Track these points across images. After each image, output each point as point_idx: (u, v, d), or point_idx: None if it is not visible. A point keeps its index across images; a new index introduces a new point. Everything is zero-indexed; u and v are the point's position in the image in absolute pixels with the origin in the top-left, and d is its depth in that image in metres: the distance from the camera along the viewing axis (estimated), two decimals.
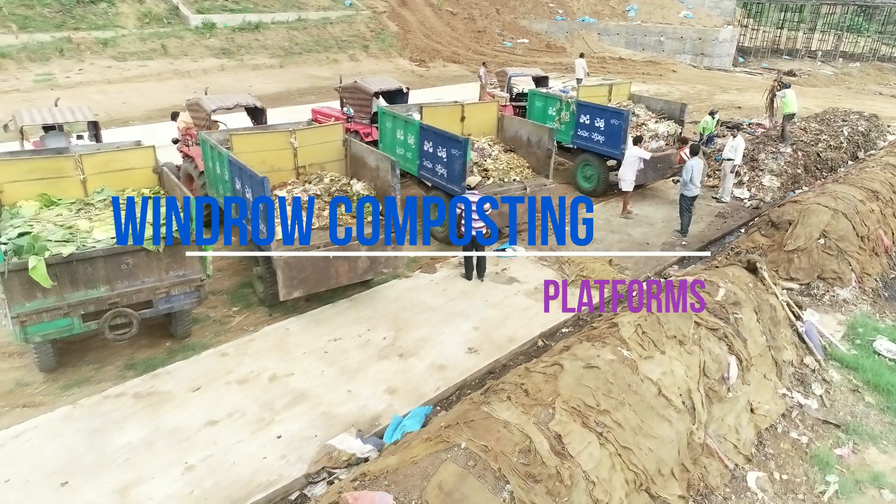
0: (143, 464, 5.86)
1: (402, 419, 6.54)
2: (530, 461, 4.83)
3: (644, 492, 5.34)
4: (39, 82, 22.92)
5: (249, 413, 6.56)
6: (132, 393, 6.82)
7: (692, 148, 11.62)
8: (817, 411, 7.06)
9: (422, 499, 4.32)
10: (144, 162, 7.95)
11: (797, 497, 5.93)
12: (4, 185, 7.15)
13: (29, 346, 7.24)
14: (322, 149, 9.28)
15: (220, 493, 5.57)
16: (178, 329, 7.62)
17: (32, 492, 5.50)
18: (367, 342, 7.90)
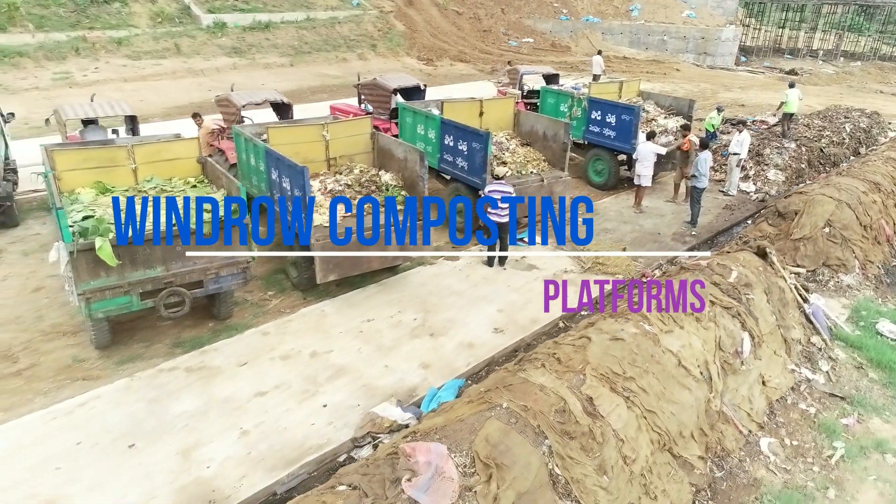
0: (201, 429, 6.33)
1: (437, 391, 7.00)
2: (565, 420, 5.30)
3: (667, 451, 5.81)
4: (58, 80, 23.40)
5: (295, 385, 7.04)
6: (184, 367, 7.30)
7: (702, 141, 12.09)
8: (824, 385, 7.54)
9: (471, 449, 4.78)
10: (189, 153, 8.43)
11: (806, 461, 6.40)
12: (63, 174, 7.63)
13: (84, 324, 7.75)
14: (351, 141, 9.75)
15: (274, 455, 6.04)
16: (222, 310, 8.08)
17: (103, 453, 5.98)
18: (398, 323, 8.38)
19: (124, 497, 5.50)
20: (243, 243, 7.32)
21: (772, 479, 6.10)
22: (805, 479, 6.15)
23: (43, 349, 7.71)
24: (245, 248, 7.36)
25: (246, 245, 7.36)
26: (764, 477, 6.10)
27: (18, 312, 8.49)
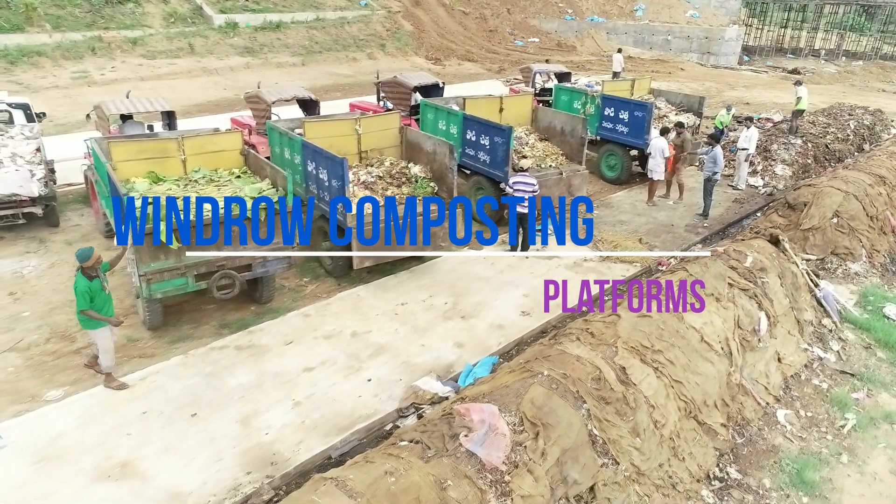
0: (256, 400, 6.80)
1: (472, 367, 7.46)
2: (601, 387, 5.77)
3: (693, 419, 6.27)
4: (76, 79, 23.87)
5: (339, 362, 7.51)
6: (234, 346, 7.76)
7: (713, 136, 12.53)
8: (835, 363, 8.00)
9: (519, 410, 5.25)
10: (233, 145, 8.90)
11: (820, 430, 6.86)
12: (118, 164, 8.09)
13: (136, 307, 8.23)
14: (381, 135, 10.22)
15: (327, 423, 6.51)
16: (264, 294, 8.55)
17: (168, 420, 6.44)
18: (430, 306, 8.84)
19: (193, 459, 5.96)
20: (288, 243, 7.82)
21: (789, 445, 6.56)
22: (819, 446, 6.61)
23: None
24: (290, 248, 7.90)
25: (291, 245, 7.89)
26: (781, 444, 6.56)
27: (71, 296, 8.86)
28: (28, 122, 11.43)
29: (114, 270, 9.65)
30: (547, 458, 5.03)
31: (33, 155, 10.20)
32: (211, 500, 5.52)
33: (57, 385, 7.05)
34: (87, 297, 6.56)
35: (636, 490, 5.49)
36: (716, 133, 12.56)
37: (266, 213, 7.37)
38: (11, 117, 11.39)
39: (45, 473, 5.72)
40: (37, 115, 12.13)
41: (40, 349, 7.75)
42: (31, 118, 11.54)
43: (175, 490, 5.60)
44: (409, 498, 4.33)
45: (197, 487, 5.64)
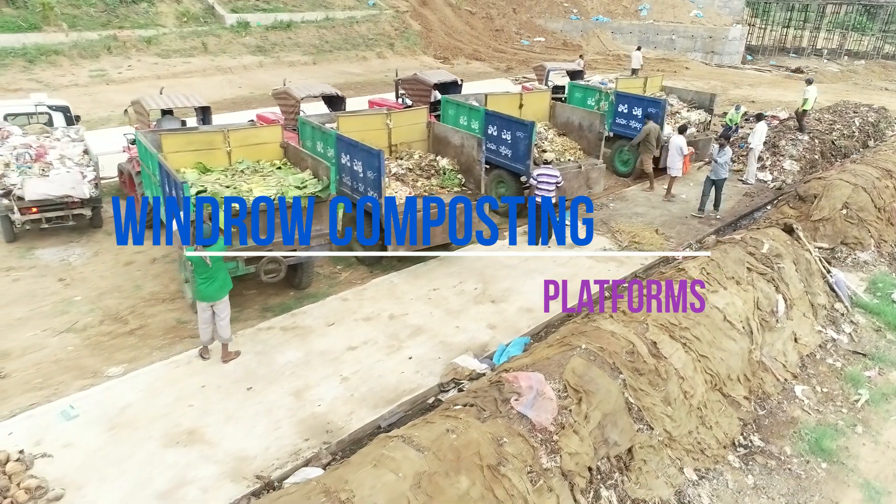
0: (306, 376, 7.23)
1: (505, 346, 7.90)
2: (635, 359, 6.21)
3: (718, 391, 6.72)
4: (95, 77, 24.31)
5: (380, 341, 7.94)
6: (279, 327, 8.20)
7: (724, 135, 12.93)
8: (847, 344, 8.45)
9: (562, 378, 5.69)
10: (274, 138, 9.34)
11: (836, 404, 7.30)
12: (168, 155, 8.52)
13: (185, 290, 8.66)
14: (410, 129, 10.66)
15: (374, 396, 6.94)
16: (304, 279, 8.98)
17: (226, 393, 6.88)
18: (461, 291, 9.28)
19: (253, 427, 6.40)
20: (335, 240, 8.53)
21: (806, 418, 7.00)
22: (835, 418, 7.05)
23: (147, 313, 8.62)
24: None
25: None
26: (800, 416, 7.01)
27: (117, 283, 9.40)
28: (67, 124, 11.73)
29: (155, 257, 10.17)
30: (590, 421, 5.47)
31: (81, 157, 10.49)
32: (274, 462, 5.96)
33: (116, 362, 7.48)
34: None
35: (669, 454, 5.94)
36: (725, 132, 12.94)
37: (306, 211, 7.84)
38: (51, 119, 11.68)
39: (119, 439, 6.16)
40: (74, 117, 12.46)
41: (95, 330, 8.18)
42: (71, 120, 11.83)
43: (241, 454, 6.03)
44: (471, 452, 4.77)
45: (260, 452, 6.07)
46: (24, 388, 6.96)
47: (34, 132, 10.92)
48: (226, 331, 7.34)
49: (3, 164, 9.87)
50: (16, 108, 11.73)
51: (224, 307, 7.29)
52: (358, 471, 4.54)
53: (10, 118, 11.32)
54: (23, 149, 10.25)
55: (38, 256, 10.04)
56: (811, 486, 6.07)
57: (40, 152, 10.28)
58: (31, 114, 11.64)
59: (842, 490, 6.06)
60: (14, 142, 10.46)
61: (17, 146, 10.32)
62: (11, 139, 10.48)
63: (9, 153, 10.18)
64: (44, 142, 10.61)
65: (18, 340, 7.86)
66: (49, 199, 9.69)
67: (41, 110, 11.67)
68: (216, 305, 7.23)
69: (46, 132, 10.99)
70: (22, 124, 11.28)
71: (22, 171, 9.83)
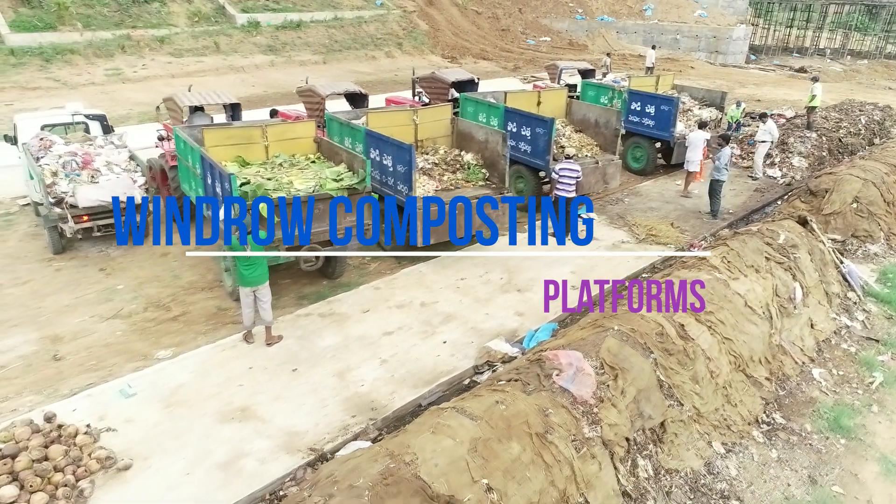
0: (347, 358, 7.59)
1: (534, 332, 8.25)
2: (664, 340, 6.56)
3: (741, 372, 7.07)
4: (111, 76, 24.67)
5: (415, 327, 8.30)
6: (317, 313, 8.56)
7: (724, 136, 13.25)
8: (861, 331, 8.80)
9: (598, 356, 6.04)
10: (308, 133, 9.70)
11: (851, 386, 7.66)
12: (210, 149, 8.87)
13: (224, 279, 9.01)
14: (435, 125, 11.01)
15: (413, 377, 7.30)
16: (336, 269, 9.34)
17: (273, 374, 7.24)
18: (488, 281, 9.64)
19: (301, 405, 6.75)
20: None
21: (824, 398, 7.36)
22: (852, 399, 7.40)
23: (188, 300, 8.98)
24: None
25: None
26: (818, 396, 7.36)
27: (155, 272, 9.75)
28: (104, 132, 11.63)
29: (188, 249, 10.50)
30: (625, 395, 5.83)
31: (128, 163, 10.43)
32: (325, 436, 6.31)
33: (164, 346, 7.84)
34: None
35: (697, 429, 6.30)
36: (725, 133, 13.25)
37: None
38: (88, 128, 11.66)
39: (176, 416, 6.51)
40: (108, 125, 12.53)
41: (140, 316, 8.54)
42: (108, 129, 11.79)
43: (292, 430, 6.39)
44: (520, 421, 5.13)
45: (311, 427, 6.42)
46: (80, 370, 7.32)
47: (76, 140, 10.82)
48: (268, 314, 7.70)
49: (50, 173, 9.67)
50: (53, 119, 11.71)
51: (266, 291, 7.65)
52: (417, 437, 4.89)
53: (47, 128, 11.25)
54: (69, 157, 10.07)
55: (77, 248, 10.39)
56: (831, 460, 6.42)
57: (86, 159, 10.14)
58: (69, 124, 11.62)
59: (860, 463, 6.42)
60: (58, 150, 10.28)
61: (62, 154, 10.15)
62: (55, 148, 10.35)
63: (54, 162, 9.99)
64: (87, 149, 10.48)
65: (69, 326, 8.23)
66: (101, 206, 9.62)
67: (78, 119, 11.65)
68: (258, 290, 7.59)
69: (88, 139, 10.91)
70: (60, 135, 11.13)
71: (71, 178, 9.68)
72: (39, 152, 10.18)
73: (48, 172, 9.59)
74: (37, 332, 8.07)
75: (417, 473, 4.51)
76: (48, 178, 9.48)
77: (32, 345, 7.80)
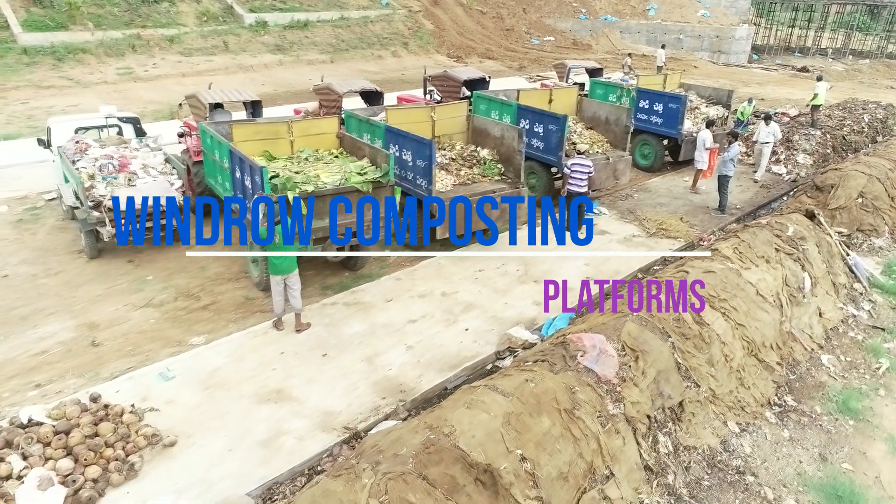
0: (374, 344, 7.89)
1: (552, 320, 8.56)
2: (681, 325, 6.87)
3: (753, 356, 7.37)
4: (122, 75, 24.98)
5: (437, 315, 8.60)
6: (342, 303, 8.87)
7: (732, 134, 13.55)
8: (867, 320, 9.10)
9: (619, 339, 6.35)
10: (331, 129, 10.01)
11: (859, 371, 7.96)
12: (238, 144, 9.17)
13: (250, 270, 9.31)
14: (451, 122, 11.32)
15: (438, 362, 7.60)
16: (359, 261, 9.64)
17: (304, 359, 7.54)
18: (505, 272, 9.94)
19: (334, 388, 7.06)
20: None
21: (833, 382, 7.66)
22: (859, 383, 7.70)
23: (217, 290, 9.28)
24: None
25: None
26: (827, 381, 7.66)
27: (182, 264, 10.05)
28: (137, 135, 11.65)
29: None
30: (646, 376, 6.13)
31: (163, 165, 10.42)
32: (358, 416, 6.62)
33: (197, 333, 8.14)
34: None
35: (713, 409, 6.60)
36: (733, 130, 13.54)
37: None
38: (121, 131, 11.70)
39: (215, 398, 6.82)
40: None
41: (172, 305, 8.85)
42: (141, 132, 11.81)
43: (327, 410, 6.69)
44: (549, 398, 5.43)
45: (344, 408, 6.73)
46: (118, 355, 7.63)
47: (112, 143, 10.84)
48: (298, 301, 8.01)
49: (87, 177, 9.59)
50: (86, 122, 11.80)
51: (295, 280, 7.96)
52: (454, 412, 5.19)
53: (80, 132, 11.34)
54: (105, 160, 10.03)
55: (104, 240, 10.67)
56: (841, 440, 6.72)
57: (123, 162, 10.10)
58: (102, 127, 11.59)
59: (868, 443, 6.71)
60: (94, 153, 10.26)
61: (98, 157, 10.10)
62: (91, 151, 10.33)
63: (91, 165, 9.92)
64: (123, 152, 10.46)
65: (104, 314, 8.53)
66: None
67: (111, 122, 11.70)
68: (288, 278, 7.90)
69: (124, 143, 10.94)
70: (93, 138, 11.16)
71: (108, 181, 9.62)
72: (75, 155, 10.21)
73: (85, 176, 9.59)
74: (73, 320, 8.37)
75: (456, 444, 4.81)
76: (86, 181, 9.48)
77: (70, 332, 8.11)
